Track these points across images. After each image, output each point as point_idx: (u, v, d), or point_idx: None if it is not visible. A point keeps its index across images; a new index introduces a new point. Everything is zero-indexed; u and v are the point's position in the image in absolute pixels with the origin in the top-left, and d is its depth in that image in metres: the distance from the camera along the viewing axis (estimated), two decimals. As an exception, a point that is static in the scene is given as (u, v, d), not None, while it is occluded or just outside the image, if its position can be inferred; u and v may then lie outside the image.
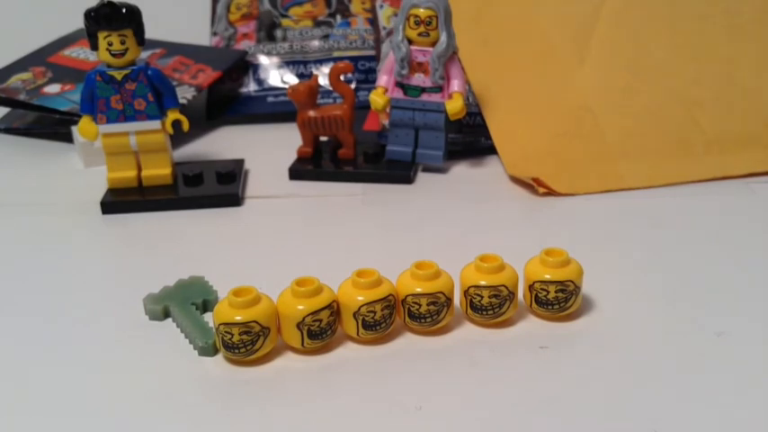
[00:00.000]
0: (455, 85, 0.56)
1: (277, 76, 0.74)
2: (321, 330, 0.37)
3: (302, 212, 0.54)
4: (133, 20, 0.51)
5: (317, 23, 0.77)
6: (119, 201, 0.54)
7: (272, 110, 0.73)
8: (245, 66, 0.74)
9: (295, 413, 0.34)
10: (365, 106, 0.65)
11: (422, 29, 0.55)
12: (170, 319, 0.41)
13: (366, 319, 0.37)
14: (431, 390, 0.35)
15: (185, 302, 0.41)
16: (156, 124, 0.54)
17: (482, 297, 0.38)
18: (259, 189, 0.57)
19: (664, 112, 0.60)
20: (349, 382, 0.36)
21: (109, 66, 0.53)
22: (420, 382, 0.36)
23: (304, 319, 0.36)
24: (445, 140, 0.59)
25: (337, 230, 0.51)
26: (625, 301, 0.41)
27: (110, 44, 0.51)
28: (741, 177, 0.56)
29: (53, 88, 0.67)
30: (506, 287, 0.38)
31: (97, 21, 0.50)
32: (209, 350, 0.38)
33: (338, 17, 0.77)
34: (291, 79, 0.74)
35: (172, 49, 0.74)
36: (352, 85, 0.73)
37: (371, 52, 0.74)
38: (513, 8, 0.66)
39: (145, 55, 0.62)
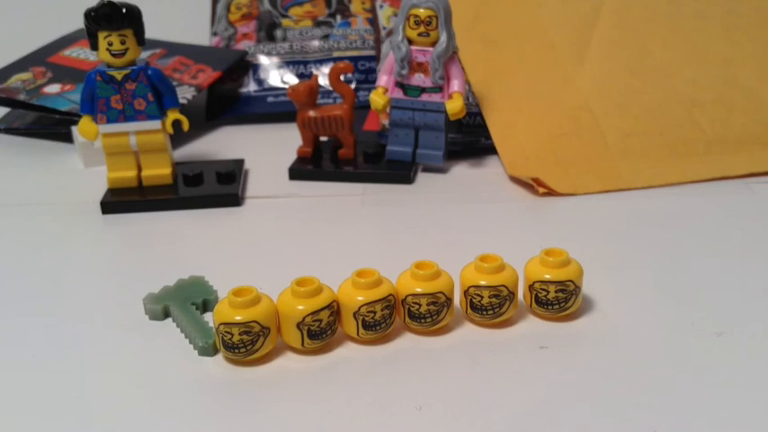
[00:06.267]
0: (455, 85, 0.56)
1: (277, 76, 0.74)
2: (321, 330, 0.37)
3: (302, 212, 0.54)
4: (133, 20, 0.51)
5: (317, 23, 0.77)
6: (119, 201, 0.54)
7: (272, 110, 0.73)
8: (245, 66, 0.74)
9: (295, 413, 0.34)
10: (365, 106, 0.65)
11: (422, 29, 0.55)
12: (170, 319, 0.41)
13: (366, 319, 0.37)
14: (431, 390, 0.35)
15: (185, 302, 0.41)
16: (156, 124, 0.54)
17: (482, 297, 0.38)
18: (259, 189, 0.57)
19: (664, 112, 0.60)
20: (349, 382, 0.36)
21: (109, 66, 0.53)
22: (420, 382, 0.36)
23: (304, 319, 0.36)
24: (445, 140, 0.59)
25: (337, 230, 0.51)
26: (625, 302, 0.41)
27: (110, 44, 0.51)
28: (741, 177, 0.56)
29: (53, 88, 0.67)
30: (506, 287, 0.38)
31: (97, 21, 0.50)
32: (209, 350, 0.38)
33: (338, 17, 0.77)
34: (291, 79, 0.74)
35: (172, 49, 0.74)
36: (352, 85, 0.73)
37: (371, 52, 0.74)
38: (513, 8, 0.66)
39: (145, 55, 0.62)
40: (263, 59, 0.75)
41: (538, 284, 0.39)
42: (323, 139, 0.63)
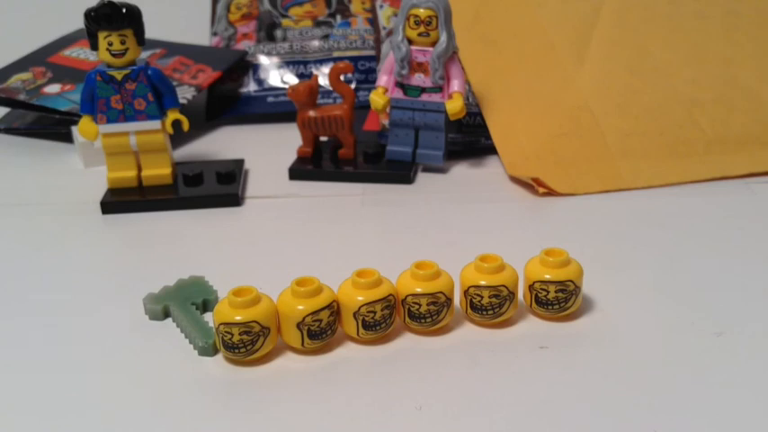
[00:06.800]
0: (455, 85, 0.56)
1: (277, 76, 0.74)
2: (321, 330, 0.37)
3: (302, 212, 0.54)
4: (133, 20, 0.51)
5: (317, 23, 0.77)
6: (119, 201, 0.54)
7: (272, 110, 0.73)
8: (245, 66, 0.74)
9: (295, 413, 0.34)
10: (365, 106, 0.65)
11: (422, 29, 0.55)
12: (170, 319, 0.41)
13: (366, 319, 0.37)
14: (431, 390, 0.35)
15: (185, 302, 0.41)
16: (156, 124, 0.54)
17: (482, 297, 0.38)
18: (259, 189, 0.57)
19: (664, 112, 0.60)
20: (349, 382, 0.36)
21: (109, 66, 0.53)
22: (420, 382, 0.36)
23: (304, 319, 0.36)
24: (445, 140, 0.59)
25: (337, 230, 0.51)
26: (625, 302, 0.41)
27: (110, 44, 0.51)
28: (741, 177, 0.56)
29: (53, 88, 0.67)
30: (506, 287, 0.38)
31: (97, 21, 0.50)
32: (209, 350, 0.38)
33: (338, 17, 0.77)
34: (291, 79, 0.74)
35: (172, 49, 0.74)
36: (352, 85, 0.73)
37: (371, 52, 0.74)
38: (513, 8, 0.66)
39: (145, 55, 0.62)
40: (263, 59, 0.75)
41: (538, 284, 0.39)
42: (323, 139, 0.63)
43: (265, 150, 0.64)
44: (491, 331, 0.39)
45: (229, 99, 0.73)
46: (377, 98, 0.58)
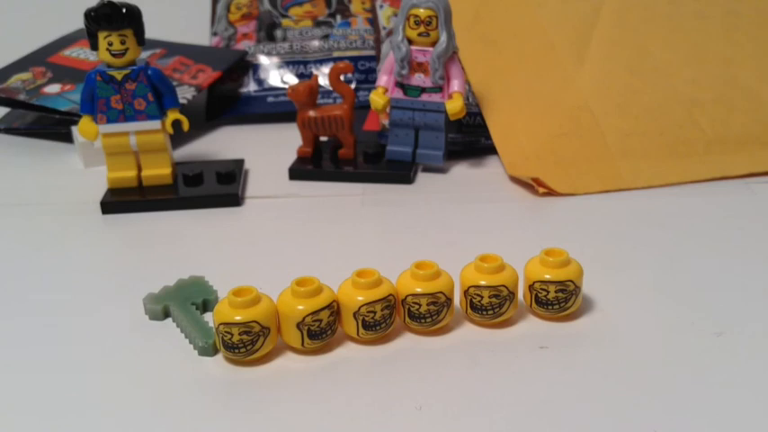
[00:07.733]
0: (455, 85, 0.56)
1: (277, 76, 0.74)
2: (321, 330, 0.37)
3: (302, 212, 0.54)
4: (133, 20, 0.51)
5: (317, 23, 0.77)
6: (119, 201, 0.54)
7: (272, 110, 0.73)
8: (245, 66, 0.74)
9: (295, 413, 0.34)
10: (365, 106, 0.65)
11: (422, 29, 0.55)
12: (170, 319, 0.41)
13: (366, 319, 0.37)
14: (431, 390, 0.35)
15: (185, 302, 0.41)
16: (156, 124, 0.54)
17: (482, 297, 0.38)
18: (259, 189, 0.57)
19: (664, 112, 0.60)
20: (349, 382, 0.36)
21: (109, 66, 0.53)
22: (420, 382, 0.36)
23: (304, 319, 0.36)
24: (445, 140, 0.59)
25: (337, 230, 0.51)
26: (625, 302, 0.41)
27: (110, 44, 0.51)
28: (741, 177, 0.56)
29: (53, 88, 0.67)
30: (506, 287, 0.38)
31: (97, 21, 0.51)
32: (209, 350, 0.38)
33: (338, 17, 0.77)
34: (291, 79, 0.74)
35: (172, 49, 0.74)
36: (352, 85, 0.73)
37: (371, 52, 0.74)
38: (513, 8, 0.66)
39: (145, 55, 0.62)
40: (263, 59, 0.75)
41: (538, 284, 0.39)
42: (323, 139, 0.63)
43: (265, 150, 0.64)
44: (491, 331, 0.39)
45: (229, 99, 0.73)
46: (377, 98, 0.58)
